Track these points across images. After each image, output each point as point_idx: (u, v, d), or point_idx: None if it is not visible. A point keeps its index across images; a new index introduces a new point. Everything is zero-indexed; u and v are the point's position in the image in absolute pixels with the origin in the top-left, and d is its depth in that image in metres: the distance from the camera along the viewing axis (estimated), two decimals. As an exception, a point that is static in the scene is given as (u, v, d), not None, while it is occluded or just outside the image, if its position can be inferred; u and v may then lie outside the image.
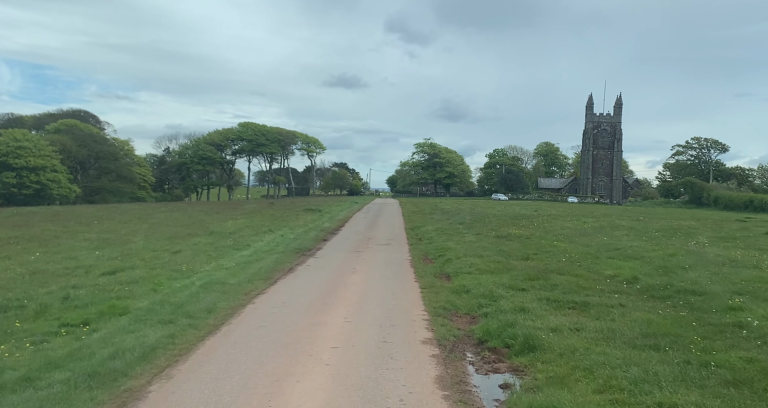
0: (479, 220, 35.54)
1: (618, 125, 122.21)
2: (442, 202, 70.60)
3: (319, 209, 39.90)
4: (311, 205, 46.09)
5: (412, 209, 50.21)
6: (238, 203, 61.06)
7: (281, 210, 39.82)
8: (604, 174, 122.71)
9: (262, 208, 42.80)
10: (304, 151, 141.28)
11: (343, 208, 45.76)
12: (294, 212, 37.48)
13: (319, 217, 34.40)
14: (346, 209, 45.33)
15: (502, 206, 60.65)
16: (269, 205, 50.88)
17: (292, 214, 35.43)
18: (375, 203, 67.72)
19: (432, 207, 55.13)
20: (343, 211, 41.95)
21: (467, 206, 57.38)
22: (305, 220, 32.43)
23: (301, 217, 33.36)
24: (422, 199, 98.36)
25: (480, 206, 58.60)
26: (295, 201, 65.38)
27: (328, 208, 43.68)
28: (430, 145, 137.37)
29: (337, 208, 44.92)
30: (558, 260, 17.33)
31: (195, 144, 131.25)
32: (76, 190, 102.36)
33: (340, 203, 56.42)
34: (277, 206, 47.47)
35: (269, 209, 41.24)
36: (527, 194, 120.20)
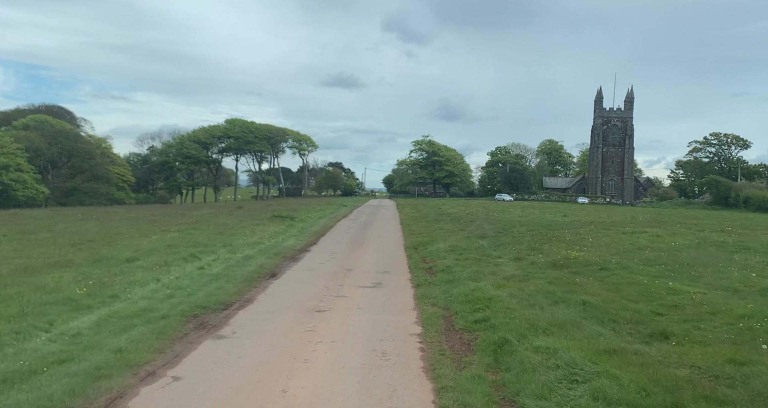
0: (504, 231, 25.82)
1: (629, 121, 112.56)
2: (445, 204, 60.76)
3: (291, 216, 29.97)
4: (285, 210, 36.12)
5: (411, 214, 40.36)
6: (203, 206, 51.05)
7: (242, 218, 29.95)
8: (614, 173, 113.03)
9: (220, 214, 32.99)
10: (296, 149, 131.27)
11: (324, 214, 35.90)
12: (257, 221, 27.63)
13: (287, 229, 24.43)
14: (329, 215, 35.48)
15: (516, 209, 50.89)
16: (237, 209, 40.96)
17: (250, 225, 25.54)
18: (368, 206, 57.83)
19: (435, 211, 45.32)
20: (324, 218, 32.02)
21: (477, 209, 47.55)
22: (264, 234, 22.47)
23: (260, 230, 23.40)
24: (421, 201, 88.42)
25: (491, 209, 48.82)
26: (274, 203, 55.31)
27: (306, 214, 33.81)
28: (428, 143, 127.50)
29: (317, 214, 35.02)
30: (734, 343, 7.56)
31: (179, 142, 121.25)
32: (44, 191, 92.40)
33: (324, 207, 46.54)
34: (244, 211, 37.53)
35: (228, 216, 31.36)
36: (533, 194, 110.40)
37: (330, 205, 50.35)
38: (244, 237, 20.75)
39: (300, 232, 23.36)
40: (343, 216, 35.89)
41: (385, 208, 52.53)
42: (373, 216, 38.04)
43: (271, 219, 28.80)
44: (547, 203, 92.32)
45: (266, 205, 48.62)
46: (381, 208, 50.75)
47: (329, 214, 36.16)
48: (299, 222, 28.32)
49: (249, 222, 26.83)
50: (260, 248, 18.27)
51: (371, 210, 46.77)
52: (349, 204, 56.37)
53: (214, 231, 22.83)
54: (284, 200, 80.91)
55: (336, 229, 26.90)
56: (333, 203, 55.41)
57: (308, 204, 55.34)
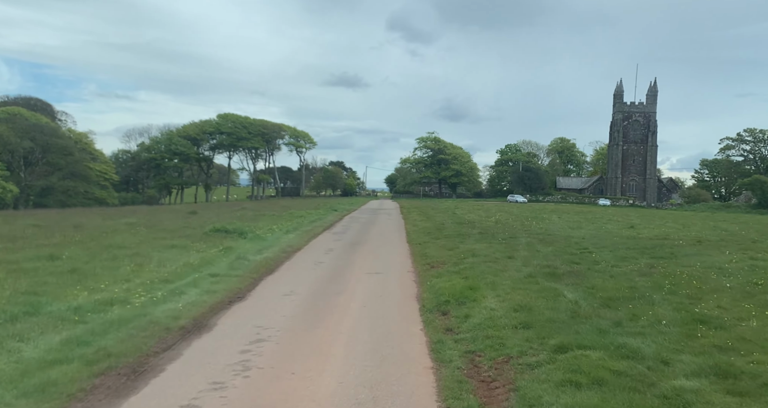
0: (580, 260, 14.95)
1: (652, 116, 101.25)
2: (459, 208, 49.76)
3: (242, 231, 18.87)
4: (249, 217, 24.99)
5: (421, 223, 29.27)
6: (156, 211, 39.83)
7: (165, 233, 18.95)
8: (635, 172, 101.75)
9: (144, 224, 21.94)
10: (293, 146, 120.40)
11: (300, 224, 24.70)
12: (179, 240, 16.66)
13: (207, 262, 13.15)
14: (306, 226, 24.25)
15: (546, 213, 39.88)
16: (189, 214, 29.94)
17: (156, 249, 14.50)
18: (366, 210, 46.88)
19: (450, 217, 34.33)
20: (292, 234, 20.59)
21: (501, 215, 36.57)
22: (148, 277, 11.51)
23: (150, 268, 12.42)
24: (427, 202, 77.31)
25: (519, 215, 37.83)
26: (251, 206, 44.22)
27: (272, 225, 22.70)
28: (434, 140, 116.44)
29: (289, 225, 23.73)
30: None
31: (167, 138, 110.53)
32: (12, 190, 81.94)
33: (310, 211, 35.49)
34: (190, 219, 26.45)
35: (148, 229, 20.36)
36: (547, 195, 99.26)
37: (318, 209, 39.37)
38: (84, 293, 9.80)
39: (228, 270, 12.33)
40: (325, 228, 24.80)
41: (386, 213, 41.46)
42: (369, 227, 26.93)
43: (206, 237, 17.88)
44: (566, 205, 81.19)
45: (237, 209, 37.62)
46: (381, 214, 39.69)
47: (307, 224, 25.12)
48: (249, 242, 17.36)
49: (161, 243, 15.88)
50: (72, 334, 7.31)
51: (368, 217, 35.67)
52: (343, 207, 45.34)
53: (64, 267, 11.92)
54: (272, 201, 70.05)
55: (301, 256, 15.93)
56: (323, 206, 44.41)
57: (293, 207, 44.43)
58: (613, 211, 57.68)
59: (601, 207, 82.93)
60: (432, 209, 46.02)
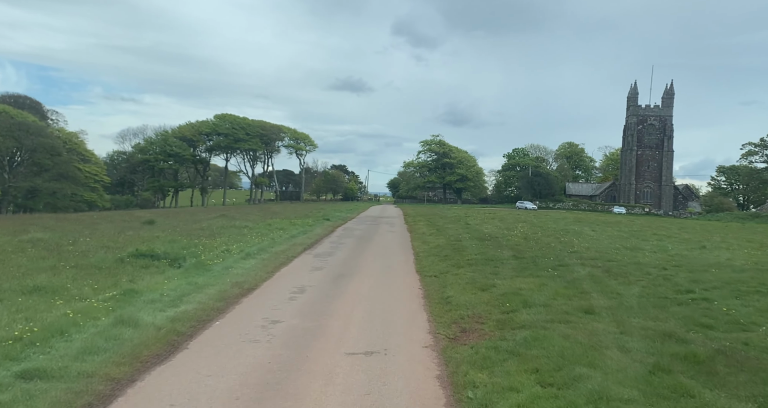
0: (689, 306, 9.09)
1: (668, 119, 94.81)
2: (469, 216, 43.51)
3: (176, 257, 12.76)
4: (191, 238, 18.32)
5: (431, 238, 22.99)
6: (130, 217, 33.28)
7: (73, 256, 12.78)
8: (650, 178, 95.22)
9: (43, 241, 15.68)
10: (292, 148, 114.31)
11: (276, 241, 18.05)
12: (83, 268, 10.71)
13: (72, 327, 7.31)
14: (281, 244, 17.59)
15: (571, 224, 33.60)
16: (145, 223, 23.69)
17: (20, 290, 8.57)
18: (365, 218, 40.65)
19: (464, 229, 28.06)
20: (254, 259, 13.99)
21: (524, 227, 30.35)
22: None
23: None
24: (433, 209, 71.01)
25: (544, 227, 31.63)
26: (232, 213, 37.73)
27: (231, 243, 16.51)
28: (438, 143, 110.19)
29: (259, 242, 17.19)
30: None
31: (162, 139, 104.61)
32: (-9, 192, 76.35)
33: (297, 220, 29.20)
34: (138, 232, 20.11)
35: (33, 251, 14.14)
36: (558, 202, 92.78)
37: (308, 217, 33.14)
38: None
39: (60, 365, 6.22)
40: (307, 247, 18.35)
41: (387, 223, 35.17)
42: (365, 246, 20.57)
43: (116, 266, 11.73)
44: (580, 213, 74.79)
45: (212, 216, 31.37)
46: (382, 224, 33.40)
47: (284, 242, 18.75)
48: (178, 277, 11.11)
49: (29, 281, 9.76)
50: None
51: (365, 229, 29.33)
52: (338, 215, 39.01)
53: None
54: (263, 207, 63.73)
55: (248, 307, 9.64)
56: (316, 213, 38.15)
57: (282, 213, 38.23)
58: (641, 221, 51.28)
59: (617, 215, 76.53)
60: (440, 218, 39.74)
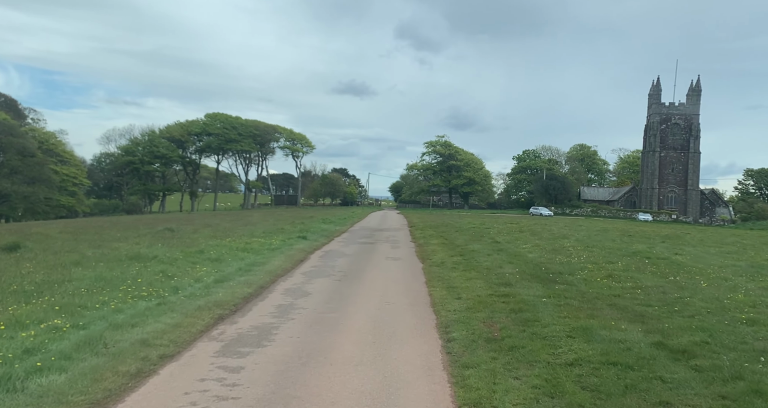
0: None
1: (695, 118, 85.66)
2: (486, 226, 34.47)
3: None
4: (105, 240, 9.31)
5: (459, 275, 13.76)
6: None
7: None
8: (675, 183, 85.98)
9: None
10: (288, 149, 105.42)
11: (154, 306, 8.96)
12: None
13: None
14: (175, 307, 8.92)
15: (644, 243, 24.45)
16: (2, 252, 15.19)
17: None
18: (359, 231, 31.50)
19: (500, 252, 19.03)
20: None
21: (571, 245, 21.36)
22: None
23: None
24: (441, 216, 61.87)
25: (598, 244, 22.65)
26: (164, 223, 28.39)
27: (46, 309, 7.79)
28: (444, 144, 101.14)
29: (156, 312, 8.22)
30: None
31: (148, 139, 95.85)
32: (-48, 196, 67.77)
33: (255, 241, 20.16)
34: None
35: None
36: (575, 207, 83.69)
37: (280, 233, 24.19)
38: None
39: None
40: (220, 316, 9.19)
41: (389, 241, 25.79)
42: (346, 301, 11.18)
43: None
44: (606, 221, 65.66)
45: (145, 233, 22.56)
46: (380, 244, 24.11)
47: (181, 304, 9.72)
48: None
49: None
50: None
51: (356, 255, 19.80)
52: (325, 228, 29.76)
53: None
54: (242, 214, 54.79)
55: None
56: (292, 227, 28.93)
57: (256, 223, 29.33)
58: (695, 231, 42.10)
59: (644, 222, 67.43)
60: (455, 230, 30.68)
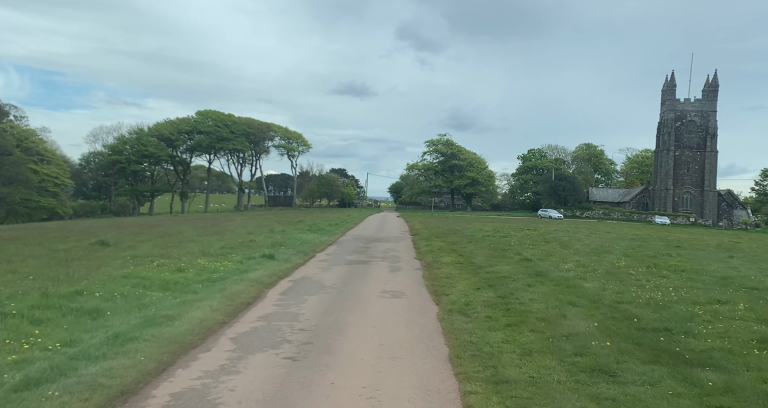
0: None
1: (712, 115, 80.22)
2: (504, 235, 28.96)
3: None
4: None
5: (502, 332, 8.61)
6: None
7: None
8: (690, 183, 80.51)
9: None
10: (283, 149, 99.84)
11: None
12: None
13: None
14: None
15: (706, 258, 19.15)
16: None
17: None
18: (352, 241, 25.76)
19: (541, 280, 13.60)
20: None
21: (628, 265, 15.92)
22: None
23: None
24: (445, 219, 56.32)
25: (660, 263, 17.20)
26: (98, 232, 22.92)
27: None
28: (446, 143, 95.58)
29: None
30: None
31: (136, 137, 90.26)
32: None
33: (203, 264, 15.03)
34: None
35: None
36: (586, 209, 78.21)
37: (247, 246, 18.58)
38: None
39: None
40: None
41: (387, 258, 19.86)
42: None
43: None
44: (617, 224, 60.19)
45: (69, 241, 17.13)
46: (376, 263, 18.24)
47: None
48: None
49: None
50: None
51: (340, 283, 13.67)
52: (308, 240, 24.02)
53: None
54: (223, 218, 49.28)
55: None
56: (266, 240, 23.47)
57: (224, 231, 23.89)
58: (738, 238, 36.56)
59: (664, 227, 62.01)
60: (468, 240, 25.16)
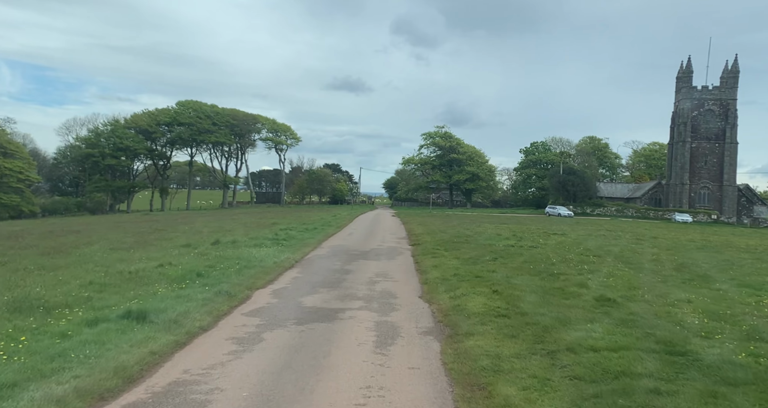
0: None
1: (732, 104, 73.12)
2: (539, 246, 21.85)
3: None
4: None
5: None
6: None
7: None
8: (708, 177, 73.55)
9: None
10: (271, 142, 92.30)
11: None
12: None
13: None
14: None
15: None
16: None
17: None
18: (325, 258, 18.47)
19: (665, 356, 6.78)
20: None
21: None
22: None
23: None
24: (448, 219, 49.09)
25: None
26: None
27: None
28: (444, 136, 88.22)
29: None
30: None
31: (111, 129, 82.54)
32: None
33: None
34: None
35: None
36: (597, 206, 71.23)
37: (144, 281, 11.64)
38: None
39: None
40: None
41: (377, 300, 12.96)
42: None
43: None
44: (636, 223, 53.31)
45: None
46: (350, 304, 11.59)
47: None
48: None
49: None
50: None
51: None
52: (276, 253, 16.86)
53: None
54: (191, 217, 41.99)
55: None
56: (224, 246, 16.27)
57: (152, 244, 16.79)
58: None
59: (688, 225, 55.21)
60: (489, 254, 17.99)
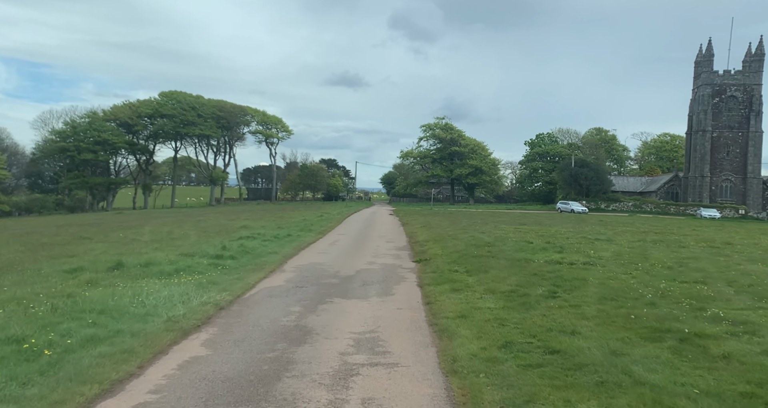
0: None
1: (756, 89, 66.76)
2: (596, 264, 15.85)
3: None
4: None
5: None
6: None
7: None
8: (730, 169, 67.44)
9: None
10: (261, 135, 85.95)
11: None
12: None
13: None
14: None
15: None
16: None
17: None
18: (278, 297, 12.80)
19: None
20: None
21: None
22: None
23: None
24: (449, 218, 42.84)
25: None
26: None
27: None
28: (444, 128, 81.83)
29: None
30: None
31: (89, 122, 76.15)
32: None
33: None
34: None
35: None
36: (612, 201, 65.06)
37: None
38: None
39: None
40: None
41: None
42: None
43: None
44: (663, 220, 47.21)
45: None
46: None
47: None
48: None
49: None
50: None
51: None
52: (212, 281, 11.17)
53: None
54: (155, 216, 35.82)
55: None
56: (135, 268, 10.48)
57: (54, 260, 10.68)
58: None
59: (710, 220, 49.15)
60: (538, 284, 11.88)
